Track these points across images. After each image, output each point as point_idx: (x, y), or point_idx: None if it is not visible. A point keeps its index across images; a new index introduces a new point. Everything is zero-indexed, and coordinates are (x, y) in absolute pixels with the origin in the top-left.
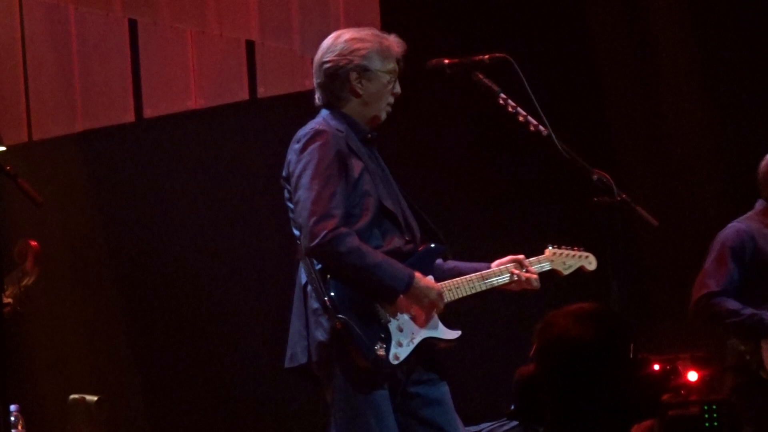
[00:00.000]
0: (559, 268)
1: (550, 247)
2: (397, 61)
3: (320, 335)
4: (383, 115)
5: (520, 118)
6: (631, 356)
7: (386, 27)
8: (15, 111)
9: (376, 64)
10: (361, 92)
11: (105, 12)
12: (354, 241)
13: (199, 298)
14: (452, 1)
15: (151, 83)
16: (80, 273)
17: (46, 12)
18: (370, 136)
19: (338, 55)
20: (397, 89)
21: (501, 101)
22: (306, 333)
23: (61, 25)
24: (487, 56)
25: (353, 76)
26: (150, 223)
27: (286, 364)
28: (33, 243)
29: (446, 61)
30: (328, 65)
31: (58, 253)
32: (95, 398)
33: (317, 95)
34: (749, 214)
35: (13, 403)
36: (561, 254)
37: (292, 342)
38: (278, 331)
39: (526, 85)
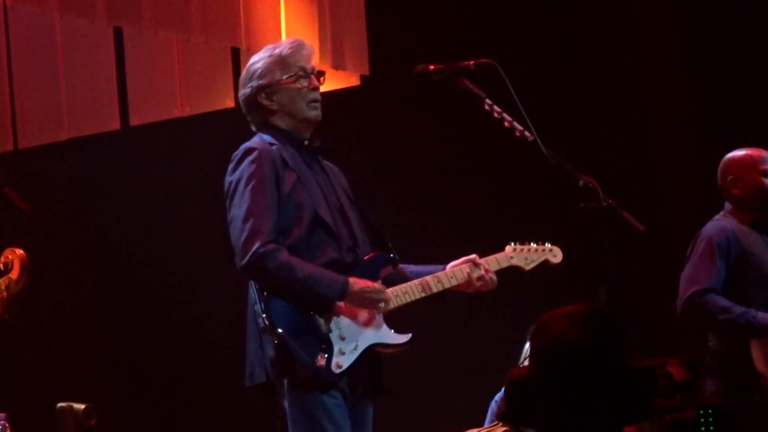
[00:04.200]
0: (521, 263)
1: (512, 244)
2: (301, 58)
3: (271, 352)
4: (312, 114)
5: (506, 124)
6: (625, 358)
7: (372, 36)
8: (0, 119)
9: (276, 76)
10: (275, 107)
11: (90, 20)
12: (282, 257)
13: (187, 304)
14: (437, 8)
15: (137, 91)
16: (67, 281)
17: (32, 20)
18: (307, 143)
19: (244, 87)
20: (314, 84)
21: (487, 107)
22: (261, 353)
23: (46, 33)
24: (472, 62)
25: (261, 97)
26: (137, 230)
27: (247, 382)
28: (20, 251)
29: (432, 67)
30: (242, 99)
31: (44, 262)
32: (83, 406)
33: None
34: (722, 213)
35: (1, 412)
36: (522, 250)
37: (250, 361)
38: None
39: (512, 91)
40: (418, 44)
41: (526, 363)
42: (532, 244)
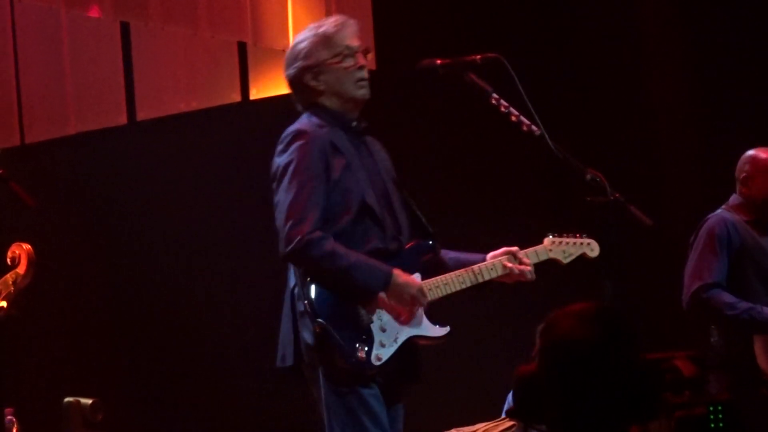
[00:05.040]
0: (559, 257)
1: (550, 236)
2: (346, 36)
3: (308, 338)
4: (359, 93)
5: (513, 118)
6: (634, 358)
7: (378, 30)
8: (7, 114)
9: (323, 56)
10: (322, 87)
11: (96, 15)
12: (328, 245)
13: (192, 299)
14: (443, 3)
15: (144, 86)
16: (74, 276)
17: (38, 15)
18: (354, 124)
19: (289, 67)
20: (360, 62)
21: (493, 101)
22: (292, 336)
23: (52, 28)
24: (479, 56)
25: (308, 77)
26: (143, 225)
27: (278, 364)
28: (27, 246)
29: (438, 61)
30: (288, 79)
31: (51, 256)
32: (90, 401)
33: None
34: (725, 206)
35: (8, 407)
36: (560, 243)
37: (282, 343)
38: (269, 331)
39: (519, 85)
40: (424, 39)
41: None
42: (569, 236)
